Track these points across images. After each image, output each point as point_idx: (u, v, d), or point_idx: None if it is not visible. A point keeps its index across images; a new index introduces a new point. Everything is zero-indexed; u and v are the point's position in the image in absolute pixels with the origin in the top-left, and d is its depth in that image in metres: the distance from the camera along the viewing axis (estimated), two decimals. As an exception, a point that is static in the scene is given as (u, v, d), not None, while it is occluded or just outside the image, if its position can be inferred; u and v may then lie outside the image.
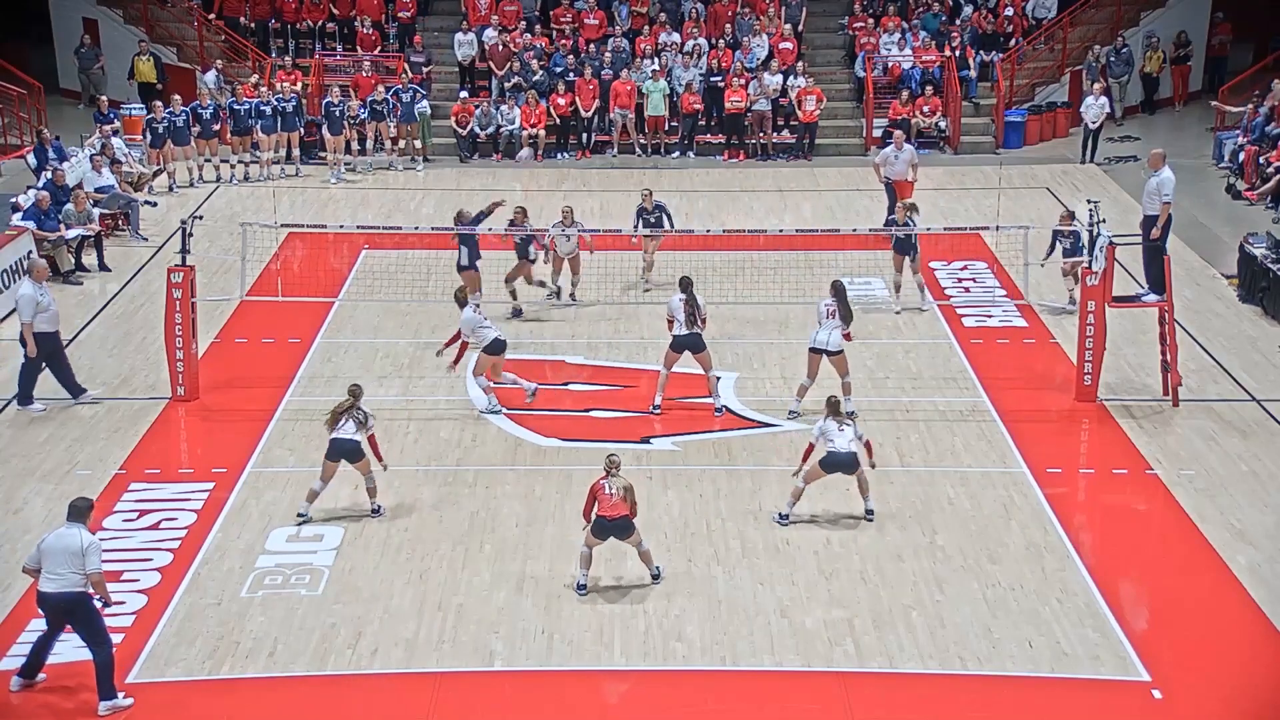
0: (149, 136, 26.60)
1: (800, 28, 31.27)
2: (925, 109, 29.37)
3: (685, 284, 17.18)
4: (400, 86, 28.56)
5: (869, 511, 14.73)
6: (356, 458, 14.63)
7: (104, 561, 13.38)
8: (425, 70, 29.82)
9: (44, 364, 17.26)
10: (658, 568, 13.72)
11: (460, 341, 17.19)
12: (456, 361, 17.33)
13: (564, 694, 12.14)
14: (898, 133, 24.17)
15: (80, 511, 11.87)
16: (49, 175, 23.11)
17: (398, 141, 28.74)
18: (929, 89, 29.52)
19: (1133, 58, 31.19)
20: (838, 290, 16.97)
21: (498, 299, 20.01)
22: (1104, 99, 28.46)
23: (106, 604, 11.96)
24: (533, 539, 14.48)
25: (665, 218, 20.91)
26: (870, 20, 31.29)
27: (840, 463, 14.47)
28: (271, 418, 17.21)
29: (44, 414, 17.17)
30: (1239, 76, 30.48)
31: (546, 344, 19.52)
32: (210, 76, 29.26)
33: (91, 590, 11.69)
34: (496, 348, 17.06)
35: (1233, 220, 24.36)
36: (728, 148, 29.39)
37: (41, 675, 12.05)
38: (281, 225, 21.77)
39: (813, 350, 16.99)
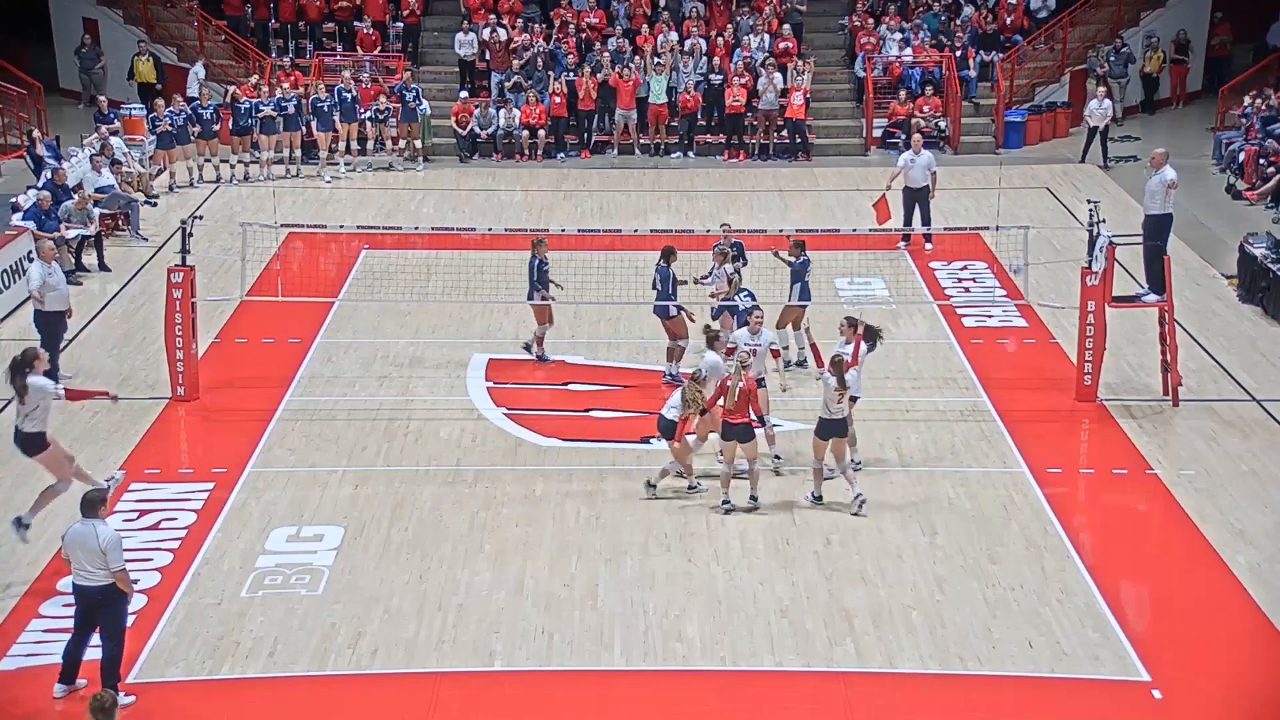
0: (154, 137, 26.66)
1: (800, 24, 31.24)
2: (925, 109, 29.38)
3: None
4: (402, 84, 28.57)
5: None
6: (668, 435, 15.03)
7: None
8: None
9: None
10: (754, 497, 14.69)
11: None
12: None
13: (564, 694, 12.14)
14: (917, 136, 24.06)
15: (92, 504, 11.68)
16: (49, 175, 23.11)
17: (398, 141, 28.76)
18: (929, 89, 29.54)
19: (1133, 57, 31.19)
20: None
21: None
22: (1108, 101, 28.44)
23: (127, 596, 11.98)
24: (533, 539, 14.47)
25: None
26: (870, 20, 31.29)
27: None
28: (271, 418, 17.21)
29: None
30: (1239, 77, 30.48)
31: (546, 344, 19.50)
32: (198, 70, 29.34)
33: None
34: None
35: (1233, 220, 24.37)
36: (728, 148, 29.39)
37: (82, 680, 11.86)
38: (281, 225, 21.78)
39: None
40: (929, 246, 23.05)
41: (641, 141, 29.44)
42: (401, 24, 31.56)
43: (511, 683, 12.24)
